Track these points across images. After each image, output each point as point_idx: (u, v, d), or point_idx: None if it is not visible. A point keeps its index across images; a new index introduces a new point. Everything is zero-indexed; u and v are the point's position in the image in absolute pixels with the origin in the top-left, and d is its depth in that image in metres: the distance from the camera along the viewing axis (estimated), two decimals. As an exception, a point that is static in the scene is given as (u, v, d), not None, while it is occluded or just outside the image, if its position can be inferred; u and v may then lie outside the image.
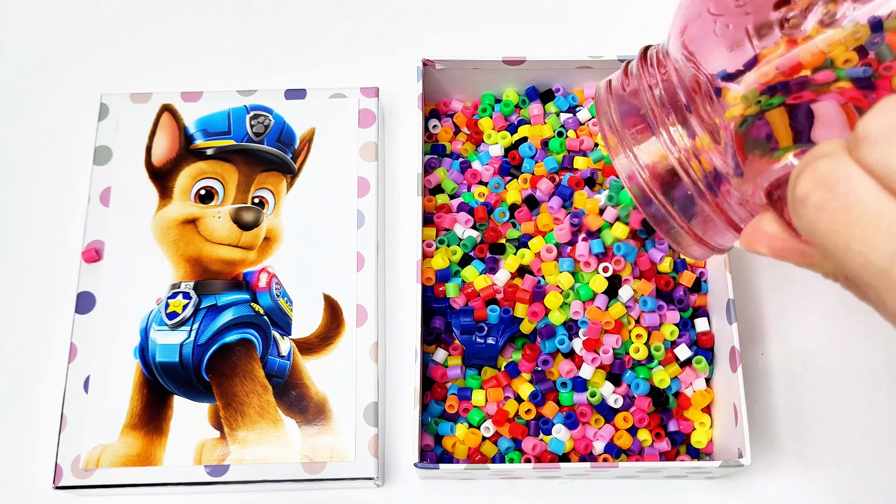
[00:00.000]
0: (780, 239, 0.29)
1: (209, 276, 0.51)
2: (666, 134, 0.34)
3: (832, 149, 0.23)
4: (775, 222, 0.30)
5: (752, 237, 0.31)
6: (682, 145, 0.33)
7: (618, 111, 0.36)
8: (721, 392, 0.48)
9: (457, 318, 0.48)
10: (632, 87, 0.36)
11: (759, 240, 0.30)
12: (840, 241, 0.23)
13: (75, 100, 0.60)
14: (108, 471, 0.46)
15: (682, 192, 0.34)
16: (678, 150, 0.33)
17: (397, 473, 0.50)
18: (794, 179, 0.24)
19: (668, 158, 0.34)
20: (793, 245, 0.29)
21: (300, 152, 0.54)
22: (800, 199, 0.23)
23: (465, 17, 0.63)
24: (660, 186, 0.34)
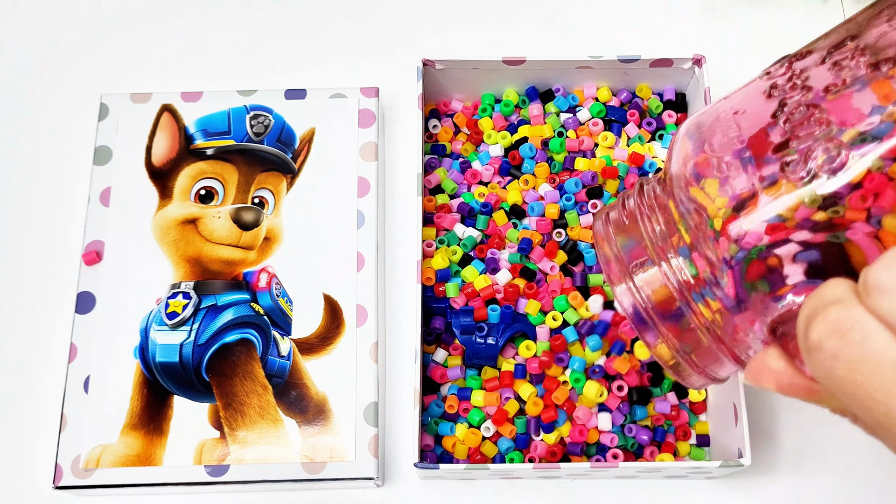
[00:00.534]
0: (786, 375, 0.29)
1: (209, 276, 0.51)
2: (667, 266, 0.33)
3: (840, 293, 0.24)
4: (780, 358, 0.29)
5: (757, 373, 0.30)
6: (685, 278, 0.33)
7: (618, 241, 0.35)
8: (721, 392, 0.48)
9: (457, 318, 0.48)
10: (630, 220, 0.35)
11: (765, 376, 0.30)
12: (859, 391, 0.23)
13: (75, 100, 0.60)
14: (108, 471, 0.46)
15: (683, 324, 0.34)
16: (680, 284, 0.33)
17: (397, 473, 0.50)
18: (805, 325, 0.24)
19: (670, 290, 0.33)
20: (800, 382, 0.28)
21: (300, 152, 0.54)
22: (814, 346, 0.23)
23: (465, 17, 0.63)
24: (661, 317, 0.34)
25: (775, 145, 0.29)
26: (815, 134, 0.28)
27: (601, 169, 0.53)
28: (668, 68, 0.52)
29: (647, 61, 0.52)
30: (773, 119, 0.30)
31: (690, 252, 0.32)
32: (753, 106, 0.31)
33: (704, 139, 0.32)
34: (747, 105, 0.31)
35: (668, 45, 0.61)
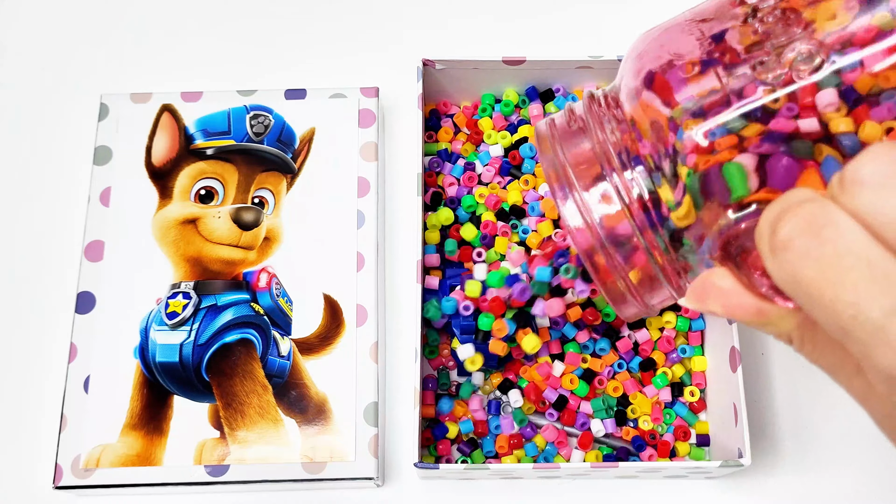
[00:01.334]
0: (734, 294, 0.27)
1: (209, 276, 0.51)
2: (619, 179, 0.32)
3: (810, 194, 0.22)
4: (729, 277, 0.28)
5: (702, 293, 0.29)
6: (635, 192, 0.31)
7: (565, 151, 0.33)
8: (721, 392, 0.48)
9: (457, 318, 0.48)
10: (578, 127, 0.34)
11: (712, 296, 0.28)
12: (828, 291, 0.21)
13: (75, 100, 0.60)
14: (108, 471, 0.46)
15: (628, 244, 0.32)
16: (629, 197, 0.31)
17: (397, 473, 0.50)
18: (772, 224, 0.23)
19: (617, 204, 0.31)
20: (748, 302, 0.27)
21: (300, 152, 0.54)
22: (782, 244, 0.22)
23: (465, 17, 0.63)
24: (607, 235, 0.32)
25: (748, 45, 0.28)
26: (791, 32, 0.27)
27: None
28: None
29: (647, 61, 0.51)
30: (744, 23, 0.28)
31: (644, 164, 0.31)
32: (721, 13, 0.29)
33: (664, 45, 0.31)
34: (715, 13, 0.30)
35: (668, 45, 0.61)
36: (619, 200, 0.32)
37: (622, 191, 0.31)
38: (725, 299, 0.28)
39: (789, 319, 0.26)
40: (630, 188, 0.31)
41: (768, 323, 0.27)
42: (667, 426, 0.50)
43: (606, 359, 0.50)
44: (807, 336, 0.26)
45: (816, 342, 0.26)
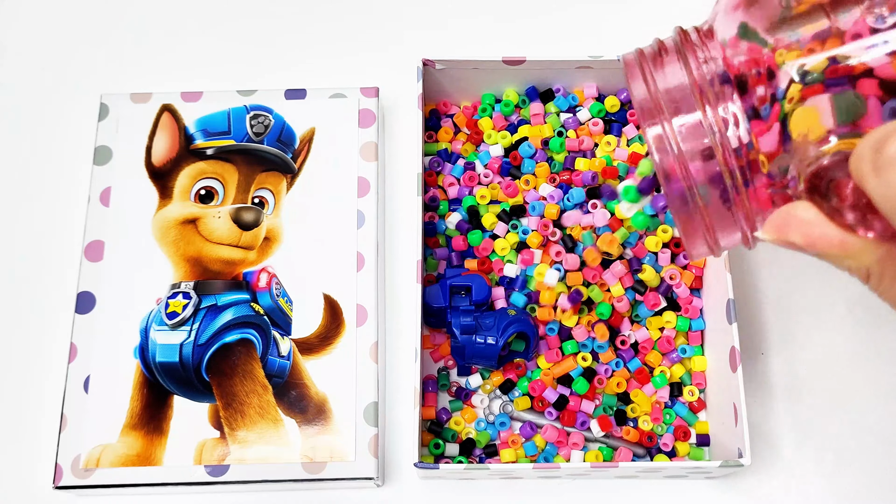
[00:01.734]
0: (817, 225, 0.28)
1: (209, 276, 0.51)
2: (711, 111, 0.32)
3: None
4: (812, 209, 0.28)
5: (783, 224, 0.29)
6: (723, 123, 0.31)
7: (655, 80, 0.34)
8: (721, 392, 0.48)
9: (457, 318, 0.48)
10: (670, 58, 0.34)
11: (793, 227, 0.29)
12: None
13: (75, 100, 0.60)
14: (108, 471, 0.46)
15: (711, 173, 0.32)
16: (718, 128, 0.31)
17: (397, 473, 0.50)
18: (876, 144, 0.24)
19: (704, 134, 0.32)
20: (831, 233, 0.28)
21: (300, 152, 0.54)
22: (888, 160, 0.23)
23: (465, 17, 0.63)
24: (691, 163, 0.32)
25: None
26: None
27: (601, 169, 0.53)
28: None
29: (647, 61, 0.51)
30: None
31: (736, 95, 0.31)
32: None
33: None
34: None
35: (668, 45, 0.61)
36: (709, 132, 0.32)
37: (713, 122, 0.32)
38: (808, 230, 0.28)
39: (871, 252, 0.27)
40: (721, 120, 0.32)
41: (849, 256, 0.28)
42: (666, 426, 0.50)
43: (605, 357, 0.50)
44: (887, 270, 0.27)
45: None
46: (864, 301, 0.54)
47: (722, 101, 0.32)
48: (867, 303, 0.54)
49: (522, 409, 0.50)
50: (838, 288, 0.54)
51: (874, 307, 0.54)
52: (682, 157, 0.32)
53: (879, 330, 0.53)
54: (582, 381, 0.49)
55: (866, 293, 0.55)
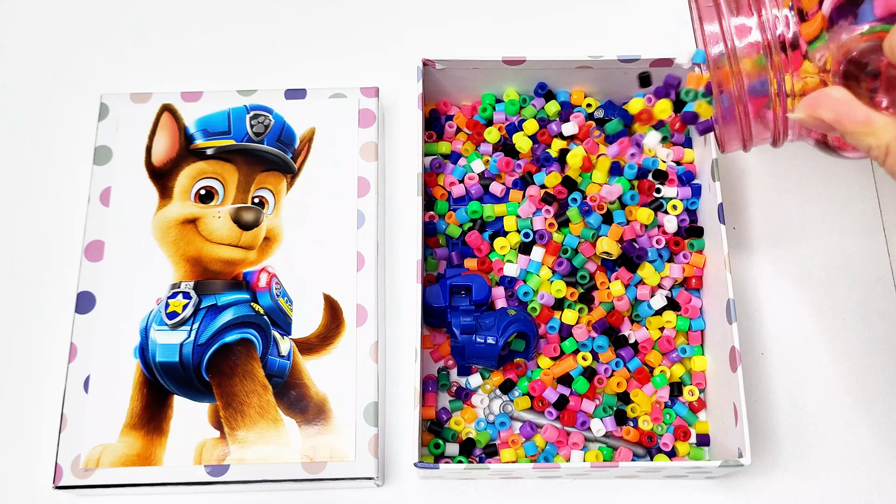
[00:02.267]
0: (846, 103, 0.32)
1: (209, 275, 0.51)
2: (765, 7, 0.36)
3: None
4: (843, 90, 0.32)
5: (815, 102, 0.33)
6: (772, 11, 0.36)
7: None
8: (721, 392, 0.48)
9: (457, 318, 0.48)
10: None
11: (824, 104, 0.32)
12: None
13: (75, 100, 0.60)
14: (108, 471, 0.46)
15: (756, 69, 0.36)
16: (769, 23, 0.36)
17: (397, 473, 0.50)
18: None
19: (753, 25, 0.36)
20: (858, 111, 0.31)
21: (300, 152, 0.54)
22: None
23: (465, 17, 0.63)
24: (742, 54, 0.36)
25: None
26: None
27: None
28: (668, 68, 0.52)
29: (647, 61, 0.51)
30: None
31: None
32: None
33: None
34: None
35: (668, 45, 0.61)
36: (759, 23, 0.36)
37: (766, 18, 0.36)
38: (837, 106, 0.32)
39: (892, 129, 0.31)
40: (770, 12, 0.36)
41: (872, 133, 0.31)
42: (666, 426, 0.50)
43: (604, 356, 0.50)
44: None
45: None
46: (864, 301, 0.54)
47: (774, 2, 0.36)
48: (867, 303, 0.54)
49: (522, 409, 0.50)
50: (838, 288, 0.54)
51: (874, 307, 0.54)
52: (734, 49, 0.36)
53: (879, 330, 0.53)
54: (582, 381, 0.49)
55: (866, 293, 0.55)
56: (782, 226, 0.56)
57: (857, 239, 0.55)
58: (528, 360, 0.50)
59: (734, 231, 0.56)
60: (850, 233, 0.55)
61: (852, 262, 0.55)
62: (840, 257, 0.55)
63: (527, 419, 0.50)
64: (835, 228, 0.56)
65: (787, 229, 0.56)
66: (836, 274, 0.55)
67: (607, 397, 0.50)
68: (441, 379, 0.51)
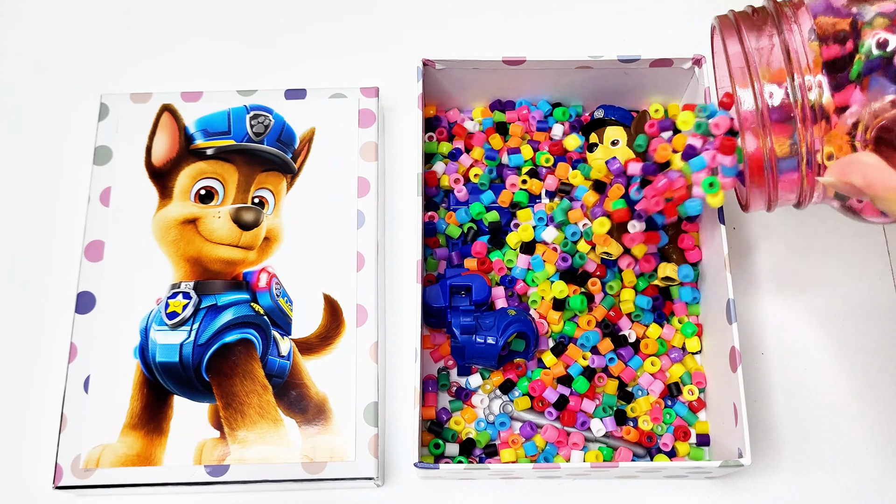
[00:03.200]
0: (877, 169, 0.32)
1: (209, 276, 0.51)
2: (799, 78, 0.36)
3: None
4: (874, 156, 0.33)
5: (846, 167, 0.34)
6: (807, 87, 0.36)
7: (749, 39, 0.38)
8: (721, 392, 0.48)
9: (457, 318, 0.48)
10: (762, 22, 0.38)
11: (855, 169, 0.33)
12: None
13: (75, 100, 0.60)
14: (108, 471, 0.46)
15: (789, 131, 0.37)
16: (801, 91, 0.36)
17: (397, 473, 0.50)
18: None
19: (790, 103, 0.36)
20: (889, 177, 0.32)
21: (300, 152, 0.54)
22: None
23: (465, 17, 0.63)
24: (773, 119, 0.37)
25: None
26: None
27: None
28: (668, 68, 0.52)
29: (647, 61, 0.51)
30: None
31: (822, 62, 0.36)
32: None
33: None
34: None
35: (668, 45, 0.61)
36: (792, 94, 0.36)
37: (797, 87, 0.36)
38: (868, 172, 0.33)
39: None
40: (805, 84, 0.36)
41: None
42: (666, 426, 0.50)
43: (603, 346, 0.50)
44: None
45: None
46: (864, 301, 0.54)
47: (807, 67, 0.36)
48: (867, 303, 0.54)
49: (522, 410, 0.50)
50: (839, 288, 0.54)
51: (874, 307, 0.54)
52: (766, 114, 0.37)
53: (879, 330, 0.53)
54: (582, 380, 0.49)
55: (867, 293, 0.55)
56: (782, 226, 0.56)
57: (858, 238, 0.55)
58: (528, 360, 0.50)
59: (734, 231, 0.56)
60: (852, 232, 0.55)
61: (852, 262, 0.55)
62: (840, 257, 0.55)
63: (527, 419, 0.50)
64: (835, 227, 0.56)
65: (787, 229, 0.56)
66: (836, 273, 0.55)
67: (607, 397, 0.50)
68: (441, 379, 0.51)
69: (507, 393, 0.50)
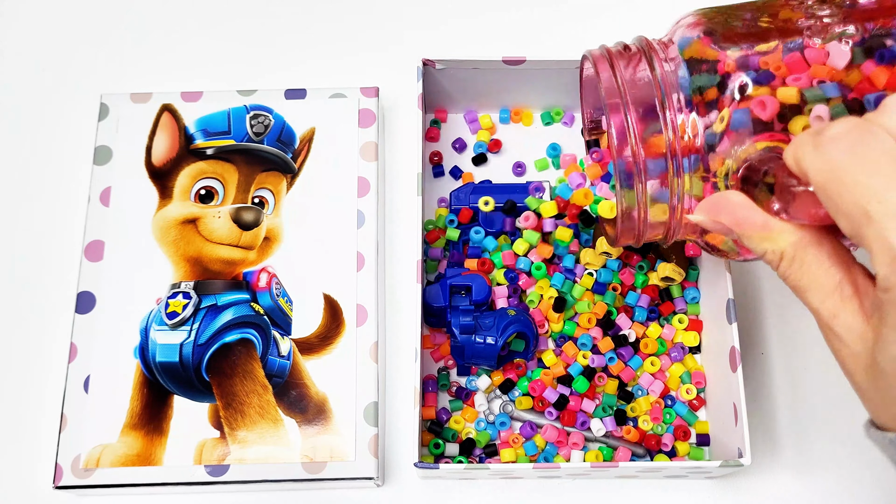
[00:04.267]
0: (744, 208, 0.33)
1: (209, 275, 0.51)
2: (670, 108, 0.36)
3: (855, 119, 0.29)
4: (741, 195, 0.33)
5: (714, 206, 0.34)
6: (678, 117, 0.36)
7: (623, 76, 0.38)
8: (721, 392, 0.48)
9: (457, 318, 0.48)
10: (634, 58, 0.39)
11: (723, 208, 0.33)
12: (861, 176, 0.27)
13: (75, 100, 0.60)
14: (108, 471, 0.46)
15: (660, 164, 0.37)
16: (674, 127, 0.36)
17: (397, 473, 0.50)
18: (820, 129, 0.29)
19: (661, 131, 0.36)
20: (756, 216, 0.32)
21: (300, 152, 0.54)
22: (830, 138, 0.28)
23: (465, 17, 0.63)
24: (648, 164, 0.37)
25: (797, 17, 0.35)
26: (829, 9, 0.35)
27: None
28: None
29: (647, 61, 0.51)
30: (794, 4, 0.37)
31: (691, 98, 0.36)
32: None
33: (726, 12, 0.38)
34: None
35: (668, 45, 0.61)
36: (664, 126, 0.36)
37: (669, 120, 0.36)
38: (736, 211, 0.33)
39: (789, 235, 0.32)
40: (677, 119, 0.36)
41: (769, 238, 0.32)
42: (666, 426, 0.50)
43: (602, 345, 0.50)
44: (797, 254, 0.32)
45: (805, 260, 0.31)
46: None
47: (678, 99, 0.37)
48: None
49: (523, 409, 0.50)
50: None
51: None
52: (638, 145, 0.37)
53: (879, 330, 0.53)
54: (582, 380, 0.49)
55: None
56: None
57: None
58: (527, 360, 0.50)
59: (734, 231, 0.56)
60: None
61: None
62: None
63: (527, 419, 0.50)
64: (835, 228, 0.56)
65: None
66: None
67: (607, 397, 0.50)
68: (441, 379, 0.51)
69: (507, 393, 0.50)
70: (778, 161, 0.32)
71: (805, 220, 0.31)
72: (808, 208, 0.31)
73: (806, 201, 0.30)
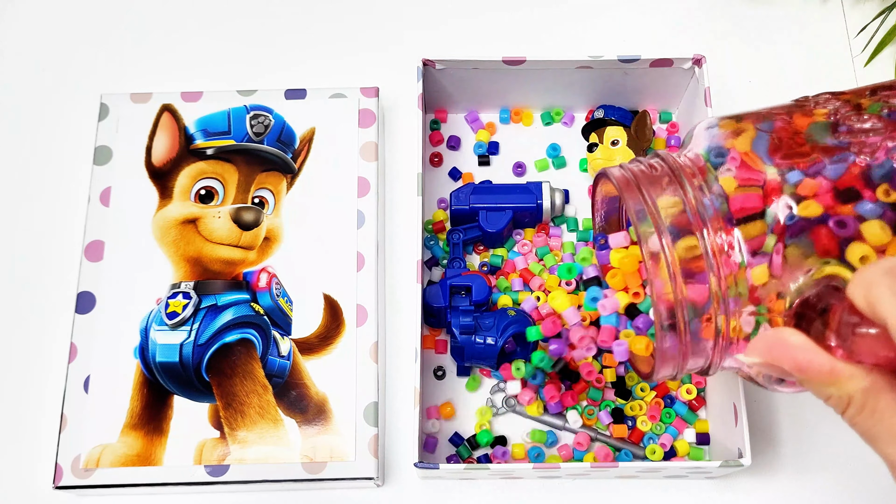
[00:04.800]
0: (805, 350, 0.29)
1: (209, 276, 0.51)
2: (710, 236, 0.33)
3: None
4: (800, 335, 0.29)
5: (770, 348, 0.30)
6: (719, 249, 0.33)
7: (653, 196, 0.34)
8: (721, 392, 0.48)
9: (457, 318, 0.48)
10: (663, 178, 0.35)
11: (781, 351, 0.29)
12: None
13: (75, 100, 0.60)
14: (108, 471, 0.46)
15: (701, 296, 0.33)
16: (716, 261, 0.33)
17: (397, 473, 0.50)
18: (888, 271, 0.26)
19: (700, 258, 0.32)
20: (821, 359, 0.28)
21: (300, 152, 0.54)
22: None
23: (465, 17, 0.63)
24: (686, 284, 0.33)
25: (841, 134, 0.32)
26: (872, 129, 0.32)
27: None
28: (668, 68, 0.52)
29: (647, 61, 0.51)
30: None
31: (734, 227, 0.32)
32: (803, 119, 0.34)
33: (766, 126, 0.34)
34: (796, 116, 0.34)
35: (668, 46, 0.61)
36: (705, 256, 0.33)
37: (710, 246, 0.33)
38: (797, 355, 0.29)
39: (858, 380, 0.28)
40: (717, 246, 0.33)
41: (836, 382, 0.28)
42: (665, 425, 0.50)
43: None
44: (870, 401, 0.28)
45: (877, 408, 0.28)
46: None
47: (719, 227, 0.33)
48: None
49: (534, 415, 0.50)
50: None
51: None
52: (677, 278, 0.33)
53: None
54: None
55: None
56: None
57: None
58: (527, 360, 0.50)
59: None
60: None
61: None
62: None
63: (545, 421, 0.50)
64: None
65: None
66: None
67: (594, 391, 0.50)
68: (462, 453, 0.49)
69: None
70: (838, 295, 0.29)
71: (870, 361, 0.28)
72: (877, 350, 0.28)
73: (873, 343, 0.28)
